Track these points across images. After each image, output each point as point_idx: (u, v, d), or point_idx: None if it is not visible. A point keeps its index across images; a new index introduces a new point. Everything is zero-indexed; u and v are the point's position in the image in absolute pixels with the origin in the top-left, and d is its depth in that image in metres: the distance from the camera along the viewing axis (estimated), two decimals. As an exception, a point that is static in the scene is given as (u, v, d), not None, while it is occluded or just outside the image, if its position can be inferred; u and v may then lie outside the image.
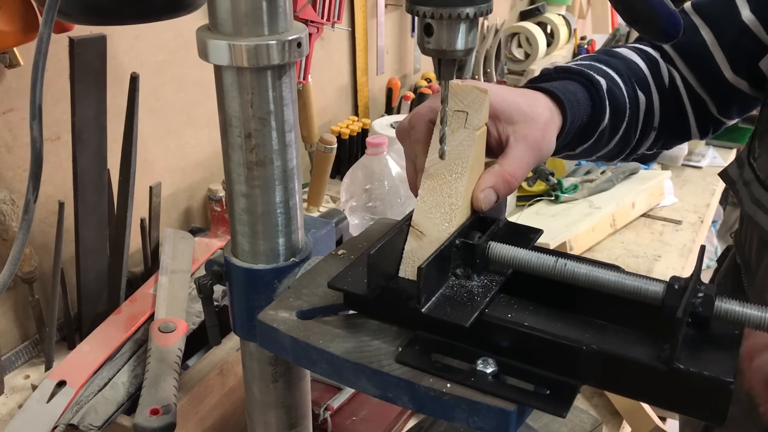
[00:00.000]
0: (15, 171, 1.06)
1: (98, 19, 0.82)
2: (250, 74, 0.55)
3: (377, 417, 0.99)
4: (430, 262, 0.52)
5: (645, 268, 1.45)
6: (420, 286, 0.51)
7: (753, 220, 0.81)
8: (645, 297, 0.51)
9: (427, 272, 0.52)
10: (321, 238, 0.70)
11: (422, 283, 0.51)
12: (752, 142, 0.85)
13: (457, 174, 0.59)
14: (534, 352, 0.51)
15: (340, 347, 0.54)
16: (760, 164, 0.81)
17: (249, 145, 0.58)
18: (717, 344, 0.49)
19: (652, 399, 0.49)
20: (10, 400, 1.03)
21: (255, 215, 0.61)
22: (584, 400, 1.10)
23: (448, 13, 0.51)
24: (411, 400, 0.51)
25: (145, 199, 1.21)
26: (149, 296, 1.10)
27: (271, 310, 0.58)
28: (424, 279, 0.51)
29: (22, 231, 0.56)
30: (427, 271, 0.52)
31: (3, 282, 0.58)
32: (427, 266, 0.51)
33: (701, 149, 1.98)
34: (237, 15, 0.54)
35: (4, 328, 1.10)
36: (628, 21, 0.59)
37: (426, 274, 0.51)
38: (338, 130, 1.65)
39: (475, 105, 0.60)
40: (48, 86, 0.98)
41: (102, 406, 0.89)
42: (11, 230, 1.00)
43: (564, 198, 1.58)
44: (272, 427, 0.70)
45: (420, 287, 0.52)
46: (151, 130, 1.26)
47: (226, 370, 0.97)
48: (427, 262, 0.52)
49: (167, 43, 1.26)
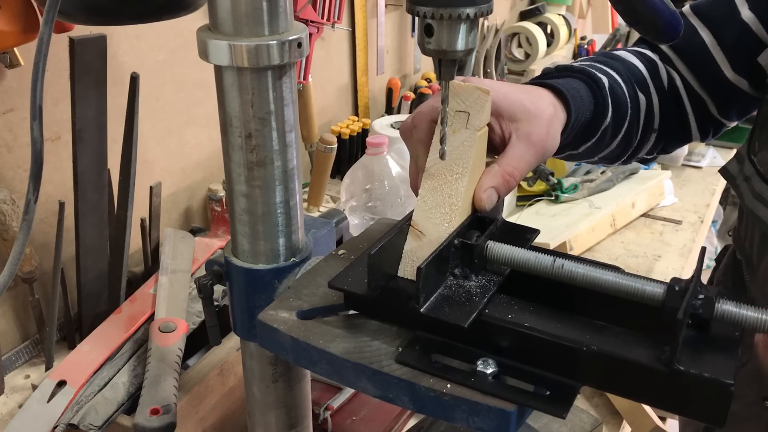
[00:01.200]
0: (15, 171, 1.06)
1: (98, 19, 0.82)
2: (251, 74, 0.55)
3: (377, 417, 0.99)
4: (429, 263, 0.52)
5: (645, 268, 1.45)
6: (419, 286, 0.51)
7: (754, 215, 0.82)
8: (645, 298, 0.51)
9: (426, 272, 0.52)
10: (321, 238, 0.70)
11: (421, 284, 0.51)
12: (752, 138, 0.85)
13: (458, 174, 0.59)
14: (534, 353, 0.51)
15: (340, 347, 0.54)
16: (761, 159, 0.81)
17: (249, 145, 0.58)
18: (717, 346, 0.49)
19: (652, 400, 0.49)
20: (10, 400, 1.03)
21: (255, 215, 0.61)
22: (584, 400, 1.10)
23: (448, 14, 0.51)
24: (411, 400, 0.51)
25: (145, 199, 1.21)
26: (149, 296, 1.10)
27: (271, 310, 0.58)
28: (423, 279, 0.51)
29: (23, 231, 0.56)
30: (426, 271, 0.52)
31: (3, 282, 0.58)
32: (426, 266, 0.51)
33: (701, 149, 1.98)
34: (237, 15, 0.54)
35: (4, 328, 1.10)
36: (629, 21, 0.59)
37: (425, 274, 0.51)
38: (338, 130, 1.65)
39: (477, 106, 0.60)
40: (48, 86, 0.98)
41: (102, 406, 0.89)
42: (11, 230, 1.00)
43: (564, 198, 1.58)
44: (272, 427, 0.70)
45: (419, 287, 0.52)
46: (151, 130, 1.26)
47: (226, 370, 0.97)
48: (426, 262, 0.52)
49: (167, 43, 1.26)
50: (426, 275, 0.52)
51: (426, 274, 0.52)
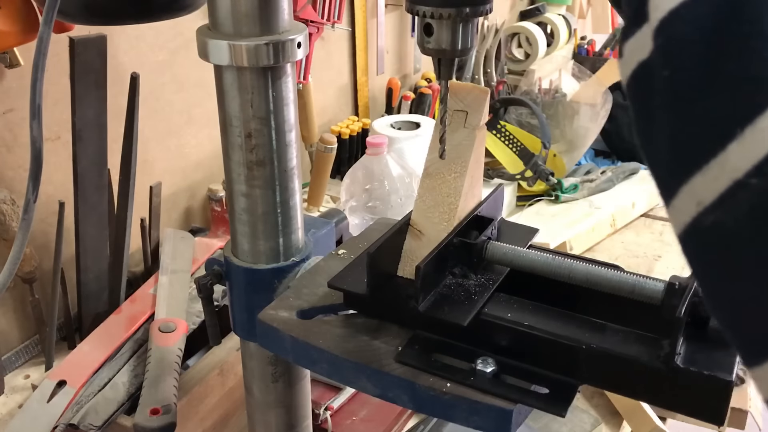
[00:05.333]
0: (15, 171, 1.06)
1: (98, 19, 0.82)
2: (250, 74, 0.55)
3: (377, 417, 0.99)
4: (428, 262, 0.52)
5: (645, 268, 1.45)
6: (418, 285, 0.52)
7: None
8: (645, 296, 0.51)
9: (425, 271, 0.52)
10: (321, 238, 0.70)
11: (420, 282, 0.51)
12: None
13: (457, 173, 0.59)
14: (533, 352, 0.51)
15: (340, 347, 0.54)
16: None
17: (249, 144, 0.58)
18: (717, 344, 0.49)
19: (651, 398, 0.49)
20: (10, 400, 1.03)
21: (255, 215, 0.61)
22: (584, 400, 1.10)
23: (447, 13, 0.51)
24: (410, 399, 0.51)
25: (145, 199, 1.21)
26: (149, 296, 1.10)
27: (271, 309, 0.58)
28: (422, 278, 0.51)
29: (22, 231, 0.56)
30: (425, 270, 0.52)
31: (3, 282, 0.58)
32: (425, 265, 0.51)
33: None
34: (237, 15, 0.54)
35: (4, 328, 1.10)
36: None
37: (424, 273, 0.52)
38: (338, 130, 1.65)
39: (476, 105, 0.60)
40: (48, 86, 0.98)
41: (102, 406, 0.89)
42: (11, 230, 1.00)
43: (564, 198, 1.58)
44: (272, 427, 0.70)
45: (418, 286, 0.52)
46: (151, 130, 1.26)
47: (226, 370, 0.97)
48: (425, 261, 0.52)
49: (167, 43, 1.26)
50: (425, 274, 0.52)
51: (425, 273, 0.52)
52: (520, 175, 1.54)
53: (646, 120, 0.30)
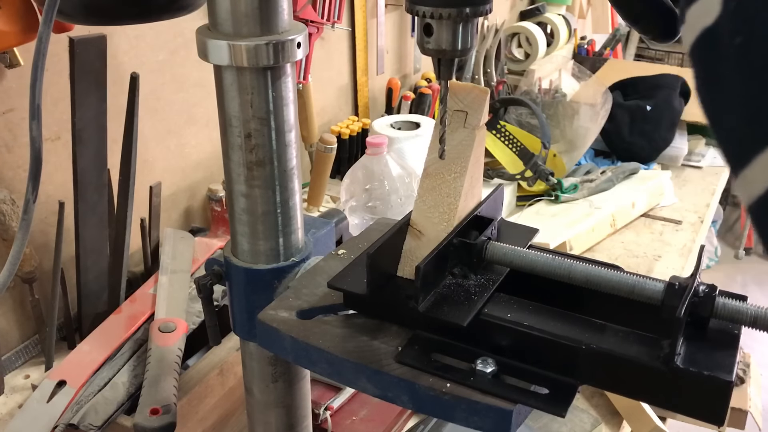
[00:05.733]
0: (15, 171, 1.06)
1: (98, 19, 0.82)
2: (250, 74, 0.55)
3: (377, 417, 0.99)
4: (428, 262, 0.52)
5: (645, 268, 1.45)
6: (418, 286, 0.52)
7: None
8: (645, 296, 0.51)
9: (425, 271, 0.52)
10: (321, 238, 0.70)
11: (420, 283, 0.51)
12: None
13: (456, 173, 0.59)
14: (533, 352, 0.51)
15: (339, 347, 0.54)
16: None
17: (249, 145, 0.58)
18: (716, 344, 0.49)
19: (651, 398, 0.49)
20: (10, 400, 1.03)
21: (255, 215, 0.61)
22: (584, 400, 1.10)
23: (447, 13, 0.51)
24: (410, 399, 0.51)
25: (145, 199, 1.21)
26: (149, 296, 1.10)
27: (271, 310, 0.58)
28: (422, 278, 0.51)
29: (22, 231, 0.56)
30: (425, 270, 0.52)
31: (3, 282, 0.58)
32: (425, 265, 0.51)
33: (701, 149, 1.98)
34: (237, 15, 0.54)
35: (4, 328, 1.10)
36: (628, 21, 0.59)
37: (424, 273, 0.52)
38: (338, 130, 1.65)
39: (475, 105, 0.60)
40: (48, 86, 0.98)
41: (102, 406, 0.89)
42: (11, 230, 1.00)
43: (564, 198, 1.58)
44: (272, 427, 0.70)
45: (418, 286, 0.52)
46: (151, 130, 1.27)
47: (226, 370, 0.97)
48: (425, 261, 0.52)
49: (167, 43, 1.26)
50: (425, 274, 0.52)
51: (425, 273, 0.52)
52: (520, 175, 1.54)
53: (713, 87, 0.29)
